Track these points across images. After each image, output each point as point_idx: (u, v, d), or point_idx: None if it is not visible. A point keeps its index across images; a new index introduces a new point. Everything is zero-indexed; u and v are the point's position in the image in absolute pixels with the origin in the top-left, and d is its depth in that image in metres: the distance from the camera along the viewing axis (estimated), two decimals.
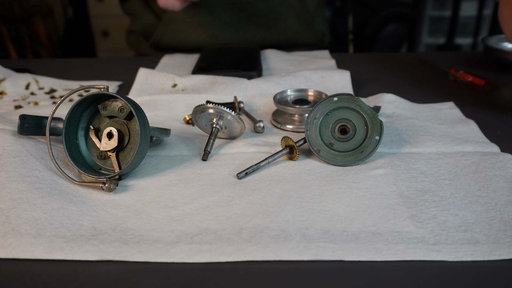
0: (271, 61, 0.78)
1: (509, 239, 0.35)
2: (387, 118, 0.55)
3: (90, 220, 0.37)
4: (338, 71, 0.67)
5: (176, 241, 0.35)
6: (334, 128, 0.46)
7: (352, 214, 0.37)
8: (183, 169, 0.45)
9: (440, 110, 0.58)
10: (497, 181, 0.42)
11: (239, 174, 0.43)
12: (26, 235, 0.35)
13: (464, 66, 0.76)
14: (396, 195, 0.40)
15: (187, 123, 0.55)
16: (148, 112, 0.58)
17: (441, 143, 0.48)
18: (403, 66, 0.80)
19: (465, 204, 0.39)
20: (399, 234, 0.35)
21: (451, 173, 0.43)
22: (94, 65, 0.83)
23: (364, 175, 0.43)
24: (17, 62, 0.90)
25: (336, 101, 0.46)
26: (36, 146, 0.44)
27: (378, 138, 0.44)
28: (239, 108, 0.57)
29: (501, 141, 0.49)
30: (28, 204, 0.37)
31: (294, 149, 0.45)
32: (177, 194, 0.41)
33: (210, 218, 0.37)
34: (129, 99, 0.42)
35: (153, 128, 0.46)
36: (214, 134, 0.48)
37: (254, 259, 0.33)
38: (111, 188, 0.40)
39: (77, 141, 0.44)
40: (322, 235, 0.35)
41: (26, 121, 0.44)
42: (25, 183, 0.39)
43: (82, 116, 0.44)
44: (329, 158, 0.45)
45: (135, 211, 0.38)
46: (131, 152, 0.42)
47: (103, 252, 0.33)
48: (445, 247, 0.34)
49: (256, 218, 0.37)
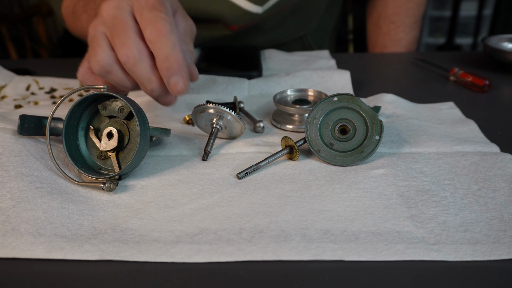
0: (271, 61, 0.78)
1: (509, 239, 0.35)
2: (387, 118, 0.55)
3: (90, 220, 0.37)
4: (338, 71, 0.67)
5: (176, 241, 0.35)
6: (334, 128, 0.46)
7: (352, 214, 0.37)
8: (183, 169, 0.45)
9: (440, 110, 0.58)
10: (497, 181, 0.42)
11: (239, 174, 0.43)
12: (26, 235, 0.35)
13: (464, 66, 0.76)
14: (396, 195, 0.40)
15: (187, 123, 0.55)
16: (148, 112, 0.58)
17: (441, 143, 0.48)
18: (403, 66, 0.80)
19: (465, 204, 0.39)
20: (399, 234, 0.35)
21: (451, 173, 0.43)
22: None
23: (364, 175, 0.43)
24: (17, 62, 0.90)
25: (336, 101, 0.46)
26: (36, 146, 0.44)
27: (378, 138, 0.44)
28: (239, 108, 0.57)
29: (501, 141, 0.49)
30: (28, 203, 0.37)
31: (294, 149, 0.45)
32: (177, 194, 0.41)
33: (210, 218, 0.37)
34: (129, 99, 0.42)
35: (153, 128, 0.46)
36: (214, 134, 0.48)
37: (254, 259, 0.33)
38: (111, 188, 0.40)
39: (77, 141, 0.44)
40: (322, 235, 0.35)
41: (26, 121, 0.44)
42: (25, 182, 0.39)
43: (82, 116, 0.44)
44: (329, 158, 0.45)
45: (135, 211, 0.38)
46: (131, 152, 0.42)
47: (103, 252, 0.33)
48: (445, 247, 0.34)
49: (256, 218, 0.37)
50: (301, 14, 0.87)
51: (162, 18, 0.43)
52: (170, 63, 0.43)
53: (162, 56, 0.43)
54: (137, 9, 0.44)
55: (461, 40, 2.41)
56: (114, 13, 0.44)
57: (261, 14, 0.77)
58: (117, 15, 0.43)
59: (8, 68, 0.73)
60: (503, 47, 0.78)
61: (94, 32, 0.45)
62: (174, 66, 0.43)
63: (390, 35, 0.92)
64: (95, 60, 0.44)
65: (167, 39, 0.42)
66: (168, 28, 0.42)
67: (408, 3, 0.91)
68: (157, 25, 0.42)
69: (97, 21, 0.45)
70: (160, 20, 0.42)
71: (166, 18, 0.43)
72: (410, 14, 0.91)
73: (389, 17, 0.92)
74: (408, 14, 0.91)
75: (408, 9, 0.91)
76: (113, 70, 0.45)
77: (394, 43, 0.92)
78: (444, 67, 0.73)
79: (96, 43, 0.44)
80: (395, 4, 0.91)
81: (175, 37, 0.43)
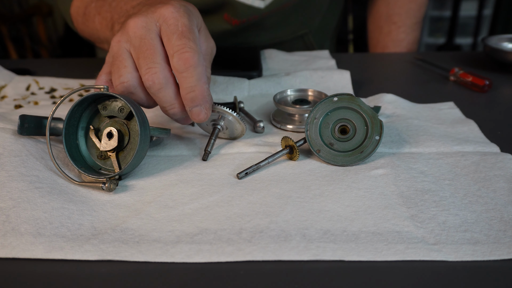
0: (271, 61, 0.78)
1: (509, 239, 0.35)
2: (387, 118, 0.55)
3: (90, 220, 0.37)
4: (338, 71, 0.67)
5: (176, 241, 0.35)
6: (334, 128, 0.46)
7: (352, 214, 0.37)
8: (183, 169, 0.45)
9: (440, 110, 0.58)
10: (497, 181, 0.42)
11: (239, 174, 0.43)
12: (26, 235, 0.35)
13: (464, 66, 0.76)
14: (396, 195, 0.40)
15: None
16: (148, 112, 0.58)
17: (441, 143, 0.48)
18: (403, 66, 0.80)
19: (465, 204, 0.39)
20: (399, 234, 0.35)
21: (451, 173, 0.43)
22: (94, 65, 0.83)
23: (364, 175, 0.43)
24: (17, 62, 0.90)
25: (336, 101, 0.46)
26: (36, 146, 0.44)
27: (378, 138, 0.44)
28: (239, 108, 0.57)
29: (501, 141, 0.49)
30: (28, 203, 0.37)
31: (294, 149, 0.45)
32: (177, 194, 0.41)
33: (210, 218, 0.37)
34: (129, 99, 0.42)
35: (153, 128, 0.46)
36: (215, 135, 0.48)
37: (254, 259, 0.33)
38: (111, 188, 0.40)
39: (77, 141, 0.44)
40: (322, 235, 0.35)
41: (26, 121, 0.44)
42: (25, 182, 0.39)
43: (82, 116, 0.44)
44: (329, 158, 0.45)
45: (135, 211, 0.38)
46: (131, 152, 0.42)
47: (103, 252, 0.33)
48: (445, 247, 0.34)
49: (256, 218, 0.37)
50: (303, 12, 0.87)
51: (190, 47, 0.42)
52: (195, 95, 0.43)
53: (187, 86, 0.42)
54: (166, 33, 0.43)
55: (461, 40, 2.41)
56: (142, 34, 0.43)
57: (263, 9, 0.77)
58: (145, 36, 0.43)
59: (8, 68, 0.73)
60: (503, 47, 0.78)
61: (119, 48, 0.44)
62: (199, 98, 0.43)
63: (391, 36, 0.92)
64: (119, 81, 0.44)
65: (194, 70, 0.42)
66: (196, 59, 0.42)
67: (409, 4, 0.91)
68: (185, 54, 0.42)
69: (122, 37, 0.44)
70: (189, 49, 0.42)
71: (194, 48, 0.42)
72: (411, 15, 0.91)
73: (390, 17, 0.92)
74: (409, 15, 0.91)
75: (409, 10, 0.91)
76: (136, 91, 0.45)
77: (395, 44, 0.92)
78: (444, 67, 0.73)
79: (121, 62, 0.44)
80: (396, 5, 0.91)
81: (202, 68, 0.43)
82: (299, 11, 0.86)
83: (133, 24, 0.43)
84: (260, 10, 0.77)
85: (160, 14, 0.43)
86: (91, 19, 0.66)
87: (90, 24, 0.66)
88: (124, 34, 0.44)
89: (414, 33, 0.93)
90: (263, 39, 0.86)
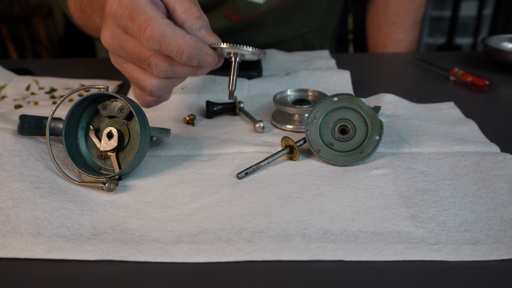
0: (271, 61, 0.78)
1: (509, 239, 0.35)
2: (387, 118, 0.55)
3: (90, 220, 0.37)
4: (338, 71, 0.67)
5: (176, 241, 0.35)
6: (334, 128, 0.46)
7: (352, 214, 0.37)
8: (183, 169, 0.45)
9: (440, 110, 0.58)
10: (497, 181, 0.42)
11: (239, 174, 0.43)
12: (26, 235, 0.35)
13: (464, 66, 0.76)
14: (396, 195, 0.40)
15: (187, 123, 0.55)
16: (148, 112, 0.58)
17: (441, 143, 0.48)
18: (403, 66, 0.80)
19: (465, 204, 0.39)
20: (399, 234, 0.35)
21: (451, 173, 0.43)
22: (94, 65, 0.83)
23: (364, 175, 0.43)
24: (17, 62, 0.91)
25: (336, 101, 0.46)
26: (36, 146, 0.44)
27: (378, 138, 0.44)
28: (239, 108, 0.57)
29: (501, 141, 0.49)
30: (28, 203, 0.37)
31: (294, 149, 0.45)
32: (177, 194, 0.41)
33: (210, 218, 0.37)
34: (129, 99, 0.42)
35: (153, 128, 0.46)
36: (235, 69, 0.43)
37: (254, 259, 0.33)
38: (111, 188, 0.40)
39: (77, 141, 0.44)
40: (322, 235, 0.35)
41: (26, 121, 0.44)
42: (25, 182, 0.39)
43: (82, 116, 0.44)
44: (329, 158, 0.45)
45: (135, 211, 0.38)
46: (131, 152, 0.42)
47: (103, 252, 0.33)
48: (445, 247, 0.34)
49: (256, 218, 0.37)
50: (303, 10, 0.87)
51: (144, 23, 0.40)
52: (187, 54, 0.41)
53: (175, 53, 0.41)
54: (122, 27, 0.42)
55: (461, 40, 2.41)
56: (110, 44, 0.45)
57: (262, 5, 0.77)
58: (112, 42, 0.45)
59: (8, 68, 0.73)
60: (503, 47, 0.78)
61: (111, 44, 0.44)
62: (192, 53, 0.41)
63: (390, 36, 0.92)
64: (148, 91, 0.46)
65: (165, 38, 0.40)
66: (157, 28, 0.40)
67: (408, 4, 0.91)
68: (146, 32, 0.40)
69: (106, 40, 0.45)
70: (145, 25, 0.40)
71: (147, 19, 0.40)
72: (410, 15, 0.91)
73: (389, 18, 0.92)
74: (408, 15, 0.91)
75: (408, 10, 0.91)
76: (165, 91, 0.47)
77: (394, 44, 0.92)
78: (444, 67, 0.73)
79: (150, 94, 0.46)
80: (395, 5, 0.91)
81: (170, 27, 0.40)
82: (299, 10, 0.86)
83: (102, 38, 0.45)
84: (260, 6, 0.77)
85: (108, 13, 0.43)
86: (89, 17, 0.65)
87: (91, 22, 0.66)
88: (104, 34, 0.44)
89: (413, 33, 0.93)
90: (264, 38, 0.86)
